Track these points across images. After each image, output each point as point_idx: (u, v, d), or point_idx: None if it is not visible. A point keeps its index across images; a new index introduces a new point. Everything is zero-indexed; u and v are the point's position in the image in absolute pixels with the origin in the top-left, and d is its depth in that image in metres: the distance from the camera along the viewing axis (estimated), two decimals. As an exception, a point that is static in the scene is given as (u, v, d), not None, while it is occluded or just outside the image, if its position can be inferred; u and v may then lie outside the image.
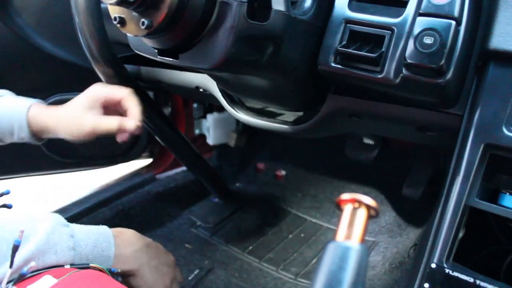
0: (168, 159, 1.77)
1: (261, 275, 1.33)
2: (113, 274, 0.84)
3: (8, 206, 0.97)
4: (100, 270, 0.80)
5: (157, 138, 1.38)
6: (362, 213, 0.41)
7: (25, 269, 0.69)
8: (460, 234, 0.70)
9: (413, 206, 1.49)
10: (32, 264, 0.69)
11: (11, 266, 0.68)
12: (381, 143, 1.44)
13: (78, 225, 0.86)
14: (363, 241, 0.40)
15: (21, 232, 0.69)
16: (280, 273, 1.33)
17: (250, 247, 1.43)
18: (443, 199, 0.71)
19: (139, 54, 0.91)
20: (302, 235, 1.48)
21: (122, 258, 0.88)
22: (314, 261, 1.37)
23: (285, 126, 1.00)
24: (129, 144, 1.63)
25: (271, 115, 1.07)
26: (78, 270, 0.75)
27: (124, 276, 0.91)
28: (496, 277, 0.66)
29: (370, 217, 0.42)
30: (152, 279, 0.93)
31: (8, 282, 0.68)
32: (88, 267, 0.78)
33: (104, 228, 0.89)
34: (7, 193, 0.98)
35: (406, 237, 1.39)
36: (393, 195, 1.54)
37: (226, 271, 1.34)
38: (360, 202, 0.41)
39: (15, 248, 0.69)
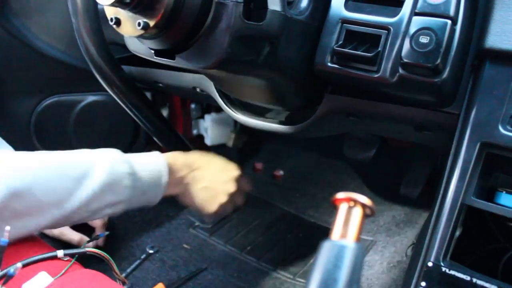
0: (166, 160, 1.77)
1: (260, 275, 1.33)
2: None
3: None
4: (99, 255, 0.81)
5: (155, 139, 1.38)
6: (357, 212, 0.41)
7: (11, 270, 0.67)
8: (457, 233, 0.70)
9: (411, 205, 1.49)
10: (19, 264, 0.68)
11: None
12: (379, 142, 1.44)
13: (136, 157, 0.97)
14: (358, 239, 0.40)
15: (6, 232, 0.68)
16: (279, 272, 1.33)
17: (249, 247, 1.43)
18: (439, 198, 0.71)
19: (136, 55, 0.91)
20: (300, 234, 1.48)
21: (171, 185, 1.03)
22: (312, 260, 1.36)
23: (283, 126, 1.00)
24: (127, 145, 1.63)
25: (268, 115, 1.07)
26: (72, 262, 0.74)
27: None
28: (493, 275, 0.66)
29: (365, 216, 0.42)
30: (201, 198, 1.10)
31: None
32: (84, 253, 0.80)
33: (158, 159, 1.01)
34: None
35: (404, 236, 1.39)
36: (391, 195, 1.54)
37: (224, 271, 1.34)
38: (356, 201, 0.41)
39: (2, 249, 0.67)
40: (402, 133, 0.94)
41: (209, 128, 1.74)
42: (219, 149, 1.82)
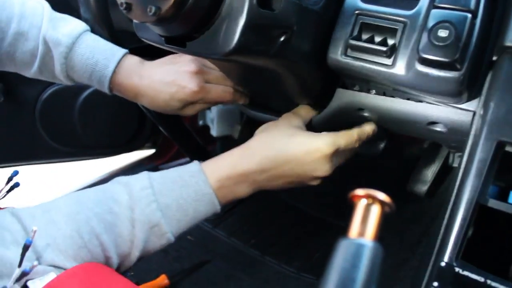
0: (171, 150, 1.76)
1: (264, 268, 1.32)
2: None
3: (16, 185, 0.95)
4: None
5: (160, 128, 1.37)
6: (375, 210, 0.40)
7: (28, 267, 0.65)
8: (469, 233, 0.69)
9: (418, 202, 1.48)
10: (35, 263, 0.66)
11: (20, 265, 0.65)
12: (388, 137, 1.42)
13: (166, 189, 0.79)
14: (376, 238, 0.39)
15: (33, 232, 0.66)
16: (283, 267, 1.32)
17: (253, 240, 1.42)
18: (453, 197, 0.69)
19: (146, 48, 0.89)
20: (306, 229, 1.47)
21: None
22: (317, 255, 1.35)
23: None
24: (132, 134, 1.62)
25: (277, 108, 1.05)
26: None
27: None
28: (504, 276, 0.64)
29: (384, 213, 0.40)
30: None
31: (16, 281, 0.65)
32: None
33: (191, 182, 0.80)
34: (16, 173, 0.96)
35: (411, 234, 1.38)
36: (398, 191, 1.52)
37: (228, 264, 1.33)
38: (374, 198, 0.40)
39: (26, 248, 0.66)
40: (415, 129, 0.92)
41: (215, 119, 1.72)
42: (225, 141, 1.80)
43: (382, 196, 0.40)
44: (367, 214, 0.40)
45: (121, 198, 0.76)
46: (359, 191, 0.40)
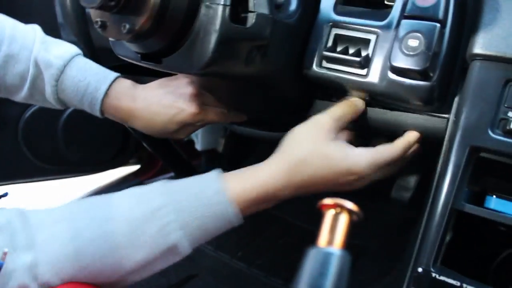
0: (156, 165, 1.76)
1: (250, 281, 1.31)
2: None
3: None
4: None
5: (144, 144, 1.37)
6: (343, 218, 0.41)
7: None
8: (448, 238, 0.70)
9: (403, 210, 1.48)
10: (5, 249, 0.62)
11: None
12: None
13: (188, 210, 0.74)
14: (344, 246, 0.40)
15: (4, 254, 0.63)
16: (270, 279, 1.32)
17: (239, 253, 1.42)
18: (429, 203, 0.70)
19: (128, 67, 0.90)
20: (292, 240, 1.47)
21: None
22: (303, 266, 1.35)
23: (274, 134, 0.99)
24: (116, 150, 1.61)
25: (258, 121, 1.06)
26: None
27: None
28: (484, 281, 0.65)
29: (352, 222, 0.41)
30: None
31: None
32: None
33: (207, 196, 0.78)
34: (5, 195, 0.94)
35: (395, 242, 1.38)
36: (383, 199, 1.53)
37: (215, 277, 1.32)
38: (342, 207, 0.41)
39: None
40: (393, 138, 0.94)
41: (199, 133, 1.72)
42: (210, 154, 1.81)
43: (349, 205, 0.41)
44: (335, 223, 0.41)
45: (132, 217, 0.70)
46: (327, 200, 0.41)
